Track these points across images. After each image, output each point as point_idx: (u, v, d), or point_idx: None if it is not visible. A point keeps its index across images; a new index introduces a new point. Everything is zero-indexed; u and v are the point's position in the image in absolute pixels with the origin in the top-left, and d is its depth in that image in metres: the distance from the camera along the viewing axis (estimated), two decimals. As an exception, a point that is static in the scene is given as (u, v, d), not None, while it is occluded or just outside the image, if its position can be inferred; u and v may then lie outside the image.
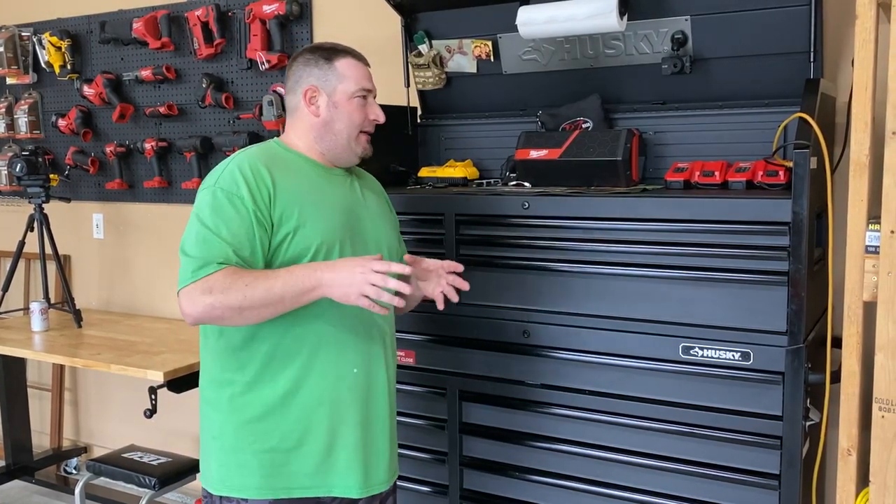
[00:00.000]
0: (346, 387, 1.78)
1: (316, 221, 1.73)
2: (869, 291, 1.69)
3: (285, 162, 1.80)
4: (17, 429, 3.91)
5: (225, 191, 1.68)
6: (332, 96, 1.81)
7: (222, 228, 1.65)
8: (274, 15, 3.16)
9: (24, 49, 4.00)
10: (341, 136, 1.82)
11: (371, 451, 1.83)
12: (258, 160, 1.74)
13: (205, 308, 1.61)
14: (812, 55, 2.11)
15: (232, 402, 1.76)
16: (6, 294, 3.56)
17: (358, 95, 1.82)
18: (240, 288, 1.60)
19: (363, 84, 1.83)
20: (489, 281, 2.20)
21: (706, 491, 1.97)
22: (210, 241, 1.64)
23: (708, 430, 1.95)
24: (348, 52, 1.85)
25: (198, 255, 1.64)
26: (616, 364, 2.04)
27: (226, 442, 1.77)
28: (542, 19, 2.29)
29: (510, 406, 2.21)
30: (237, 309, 1.61)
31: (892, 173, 1.63)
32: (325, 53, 1.83)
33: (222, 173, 1.72)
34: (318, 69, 1.82)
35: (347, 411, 1.78)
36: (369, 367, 1.82)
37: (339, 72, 1.81)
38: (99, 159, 3.85)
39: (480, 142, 2.68)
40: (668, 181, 2.18)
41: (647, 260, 1.99)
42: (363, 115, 1.84)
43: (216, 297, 1.60)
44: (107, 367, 2.92)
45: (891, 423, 1.67)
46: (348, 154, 1.85)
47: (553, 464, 2.16)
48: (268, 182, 1.70)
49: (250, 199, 1.67)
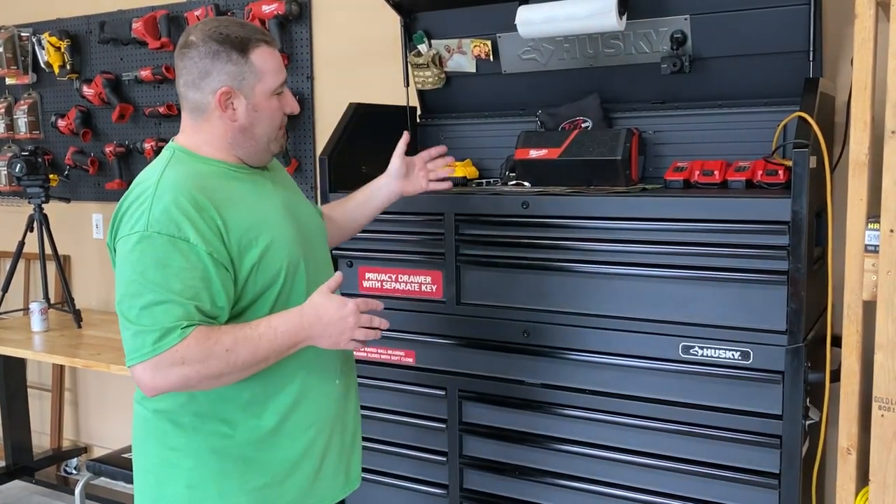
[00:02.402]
0: (333, 399, 1.71)
1: (275, 240, 1.55)
2: (868, 290, 1.69)
3: (210, 178, 1.54)
4: (17, 429, 3.91)
5: (164, 235, 1.42)
6: (250, 98, 1.55)
7: (174, 283, 1.40)
8: (273, 15, 3.16)
9: (24, 49, 4.00)
10: (262, 139, 1.60)
11: (350, 451, 1.78)
12: (190, 188, 1.47)
13: (178, 380, 1.40)
14: (811, 54, 2.11)
15: (210, 445, 1.56)
16: (6, 294, 3.56)
17: (278, 92, 1.59)
18: (220, 355, 1.40)
19: (282, 76, 1.59)
20: (489, 280, 2.21)
21: (706, 490, 1.97)
22: (164, 301, 1.39)
23: (708, 429, 1.95)
24: (261, 39, 1.57)
25: (152, 322, 1.39)
26: (616, 363, 2.04)
27: (207, 490, 1.57)
28: (542, 19, 2.29)
29: (510, 406, 2.21)
30: (217, 377, 1.43)
31: (891, 172, 1.63)
32: (238, 44, 1.53)
33: (151, 213, 1.44)
34: (231, 65, 1.53)
35: (333, 424, 1.71)
36: (346, 371, 1.76)
37: (257, 68, 1.54)
38: (98, 159, 3.85)
39: (480, 141, 2.68)
40: (668, 180, 2.18)
41: (647, 259, 1.99)
42: (282, 112, 1.62)
43: (192, 367, 1.39)
44: (107, 367, 2.92)
45: (890, 422, 1.68)
46: (266, 155, 1.65)
47: (553, 463, 2.16)
48: (213, 213, 1.46)
49: (200, 240, 1.43)
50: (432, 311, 2.29)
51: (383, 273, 2.34)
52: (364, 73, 3.09)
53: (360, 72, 3.11)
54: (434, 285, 2.28)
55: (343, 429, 1.75)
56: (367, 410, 2.39)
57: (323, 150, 2.43)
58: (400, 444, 2.37)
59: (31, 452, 3.95)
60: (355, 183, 2.46)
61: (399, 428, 2.37)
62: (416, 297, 2.31)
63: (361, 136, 2.51)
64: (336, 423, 1.72)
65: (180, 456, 1.57)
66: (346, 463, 1.77)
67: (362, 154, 2.51)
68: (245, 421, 1.58)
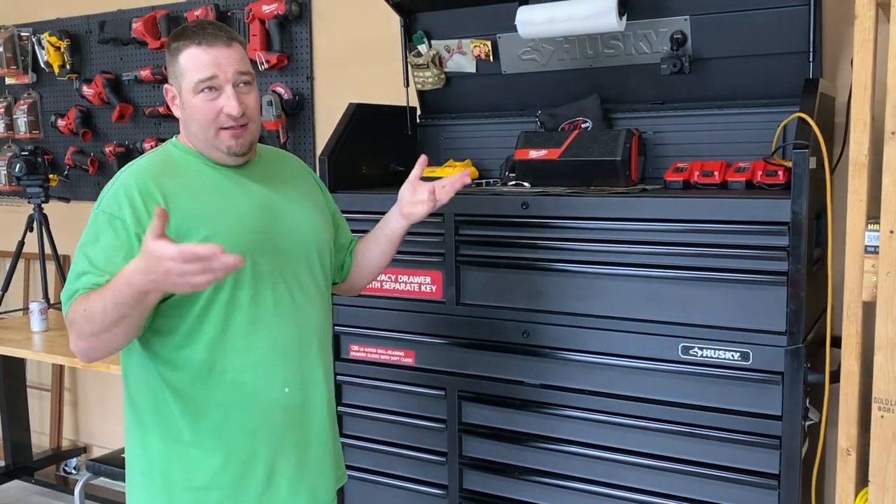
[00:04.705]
0: (280, 408, 1.63)
1: (214, 235, 1.52)
2: (868, 291, 1.69)
3: (181, 169, 1.61)
4: (17, 429, 3.91)
5: (107, 213, 1.51)
6: (181, 95, 1.61)
7: (99, 257, 1.48)
8: (273, 15, 3.16)
9: (24, 49, 4.00)
10: (199, 136, 1.62)
11: (315, 471, 1.70)
12: (146, 175, 1.56)
13: (74, 341, 1.47)
14: (811, 55, 2.11)
15: (158, 431, 1.60)
16: (6, 294, 3.57)
17: (201, 89, 1.58)
18: (80, 314, 1.43)
19: (201, 74, 1.57)
20: (489, 281, 2.20)
21: (706, 491, 1.97)
22: (86, 272, 1.47)
23: (707, 430, 1.95)
24: (193, 40, 1.58)
25: (72, 286, 1.48)
26: (615, 364, 2.04)
27: (154, 478, 1.61)
28: (542, 19, 2.29)
29: (510, 406, 2.21)
30: (91, 335, 1.44)
31: (891, 173, 1.63)
32: (174, 45, 1.60)
33: (107, 193, 1.55)
34: (170, 66, 1.62)
35: (284, 434, 1.64)
36: (304, 381, 1.67)
37: (182, 67, 1.59)
38: (98, 159, 3.85)
39: (480, 142, 2.68)
40: (668, 181, 2.18)
41: (647, 260, 1.99)
42: (213, 111, 1.58)
43: (73, 328, 1.45)
44: (106, 367, 2.92)
45: (890, 423, 1.68)
46: (218, 154, 1.63)
47: (553, 464, 2.16)
48: (157, 198, 1.52)
49: (133, 222, 1.49)
50: (432, 311, 2.28)
51: (383, 273, 2.33)
52: (364, 74, 3.09)
53: (359, 72, 3.11)
54: (434, 286, 2.28)
55: (305, 445, 1.68)
56: (366, 411, 2.40)
57: (323, 150, 2.43)
58: (399, 444, 2.37)
59: (30, 452, 3.95)
60: (355, 183, 2.46)
61: (398, 428, 2.37)
62: (415, 297, 2.31)
63: (361, 136, 2.51)
64: (288, 436, 1.65)
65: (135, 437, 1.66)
66: (310, 483, 1.69)
67: (362, 154, 2.52)
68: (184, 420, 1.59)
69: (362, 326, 2.38)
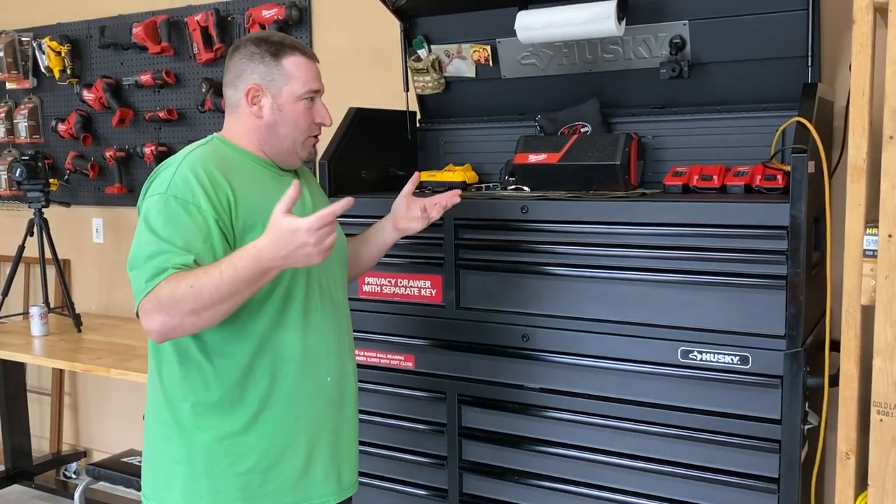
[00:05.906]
0: (322, 396, 1.73)
1: None
2: (867, 295, 1.70)
3: (236, 163, 1.67)
4: (17, 433, 3.91)
5: (179, 199, 1.53)
6: (277, 98, 1.68)
7: (178, 238, 1.50)
8: (273, 20, 3.17)
9: (24, 54, 4.01)
10: (286, 140, 1.70)
11: (343, 456, 1.79)
12: (210, 164, 1.60)
13: (162, 319, 1.47)
14: (810, 59, 2.12)
15: (198, 423, 1.64)
16: (6, 298, 3.56)
17: (305, 98, 1.70)
18: (185, 291, 1.44)
19: (311, 85, 1.70)
20: (488, 285, 2.21)
21: (705, 495, 1.97)
22: (165, 252, 1.49)
23: (707, 433, 1.96)
24: (297, 49, 1.71)
25: (151, 266, 1.48)
26: (615, 368, 2.05)
27: (195, 466, 1.65)
28: (541, 24, 2.29)
29: (509, 410, 2.21)
30: (191, 313, 1.46)
31: (889, 177, 1.63)
32: (273, 49, 1.68)
33: (173, 179, 1.57)
34: (263, 66, 1.67)
35: (323, 421, 1.73)
36: (342, 372, 1.79)
37: (287, 71, 1.67)
38: (98, 164, 3.85)
39: (479, 146, 2.68)
40: (667, 185, 2.18)
41: (646, 264, 1.99)
42: (310, 119, 1.72)
43: (166, 306, 1.46)
44: (106, 371, 2.92)
45: (889, 427, 1.68)
46: (293, 159, 1.74)
47: (552, 468, 2.16)
48: (226, 188, 1.58)
49: (210, 208, 1.54)
50: (432, 315, 2.29)
51: (383, 277, 2.34)
52: (364, 78, 3.10)
53: (359, 77, 3.11)
54: (433, 289, 2.28)
55: (338, 431, 1.78)
56: (366, 414, 2.39)
57: (323, 154, 2.43)
58: (399, 448, 2.37)
59: (30, 457, 3.95)
60: (356, 188, 2.47)
61: (398, 432, 2.37)
62: (415, 301, 2.31)
63: (361, 140, 2.51)
64: (327, 423, 1.74)
65: (170, 431, 1.68)
66: (338, 467, 1.77)
67: (362, 159, 2.52)
68: (231, 402, 1.64)
69: (362, 330, 2.38)
